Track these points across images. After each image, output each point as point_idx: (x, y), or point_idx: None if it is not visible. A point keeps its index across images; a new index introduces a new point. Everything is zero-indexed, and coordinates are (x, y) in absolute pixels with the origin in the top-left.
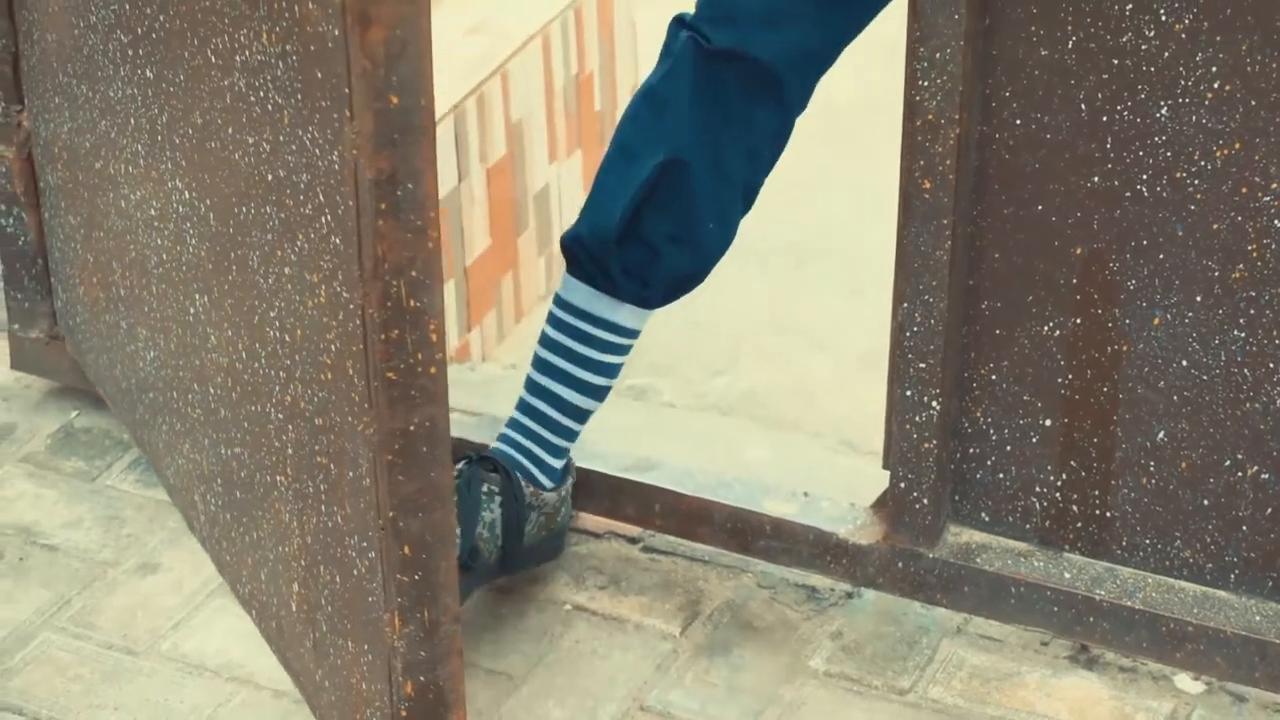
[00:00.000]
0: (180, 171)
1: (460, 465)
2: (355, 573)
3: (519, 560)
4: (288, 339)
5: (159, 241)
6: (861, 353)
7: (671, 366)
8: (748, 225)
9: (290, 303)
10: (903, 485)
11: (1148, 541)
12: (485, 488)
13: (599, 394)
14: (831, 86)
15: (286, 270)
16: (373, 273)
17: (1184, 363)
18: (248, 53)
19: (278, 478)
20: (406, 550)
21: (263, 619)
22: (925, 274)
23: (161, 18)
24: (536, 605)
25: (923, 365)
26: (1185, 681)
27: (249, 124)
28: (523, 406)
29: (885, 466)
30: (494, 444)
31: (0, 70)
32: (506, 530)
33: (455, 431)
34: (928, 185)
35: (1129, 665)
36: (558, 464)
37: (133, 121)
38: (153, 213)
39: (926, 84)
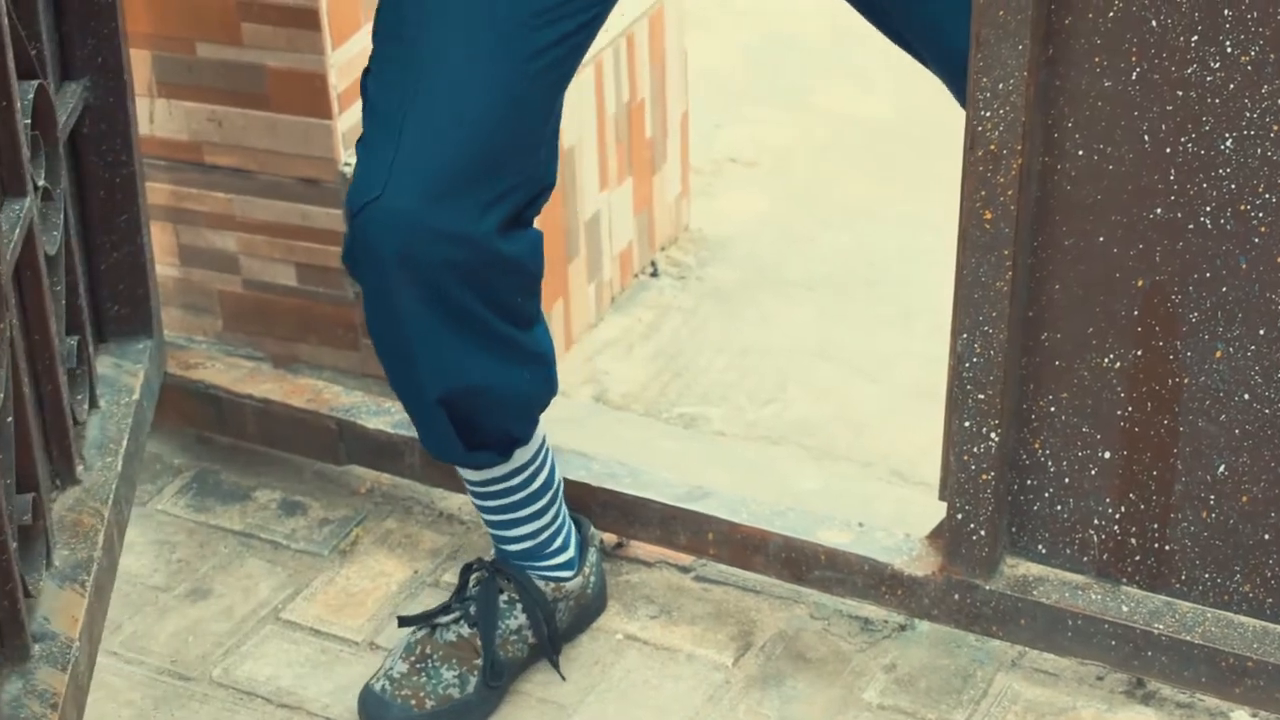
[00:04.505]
0: None
1: (475, 575)
2: None
3: (556, 647)
4: None
5: None
6: (910, 383)
7: (721, 395)
8: (795, 255)
9: None
10: (960, 516)
11: (1207, 575)
12: (505, 596)
13: (555, 498)
14: (876, 114)
15: None
16: None
17: (1245, 396)
18: None
19: None
20: None
21: None
22: (985, 305)
23: None
24: (588, 634)
25: (981, 396)
26: (1243, 718)
27: None
28: (499, 550)
29: (942, 497)
30: (497, 551)
31: None
32: (536, 631)
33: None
34: (989, 216)
35: (1186, 701)
36: (568, 555)
37: None
38: None
39: (989, 114)
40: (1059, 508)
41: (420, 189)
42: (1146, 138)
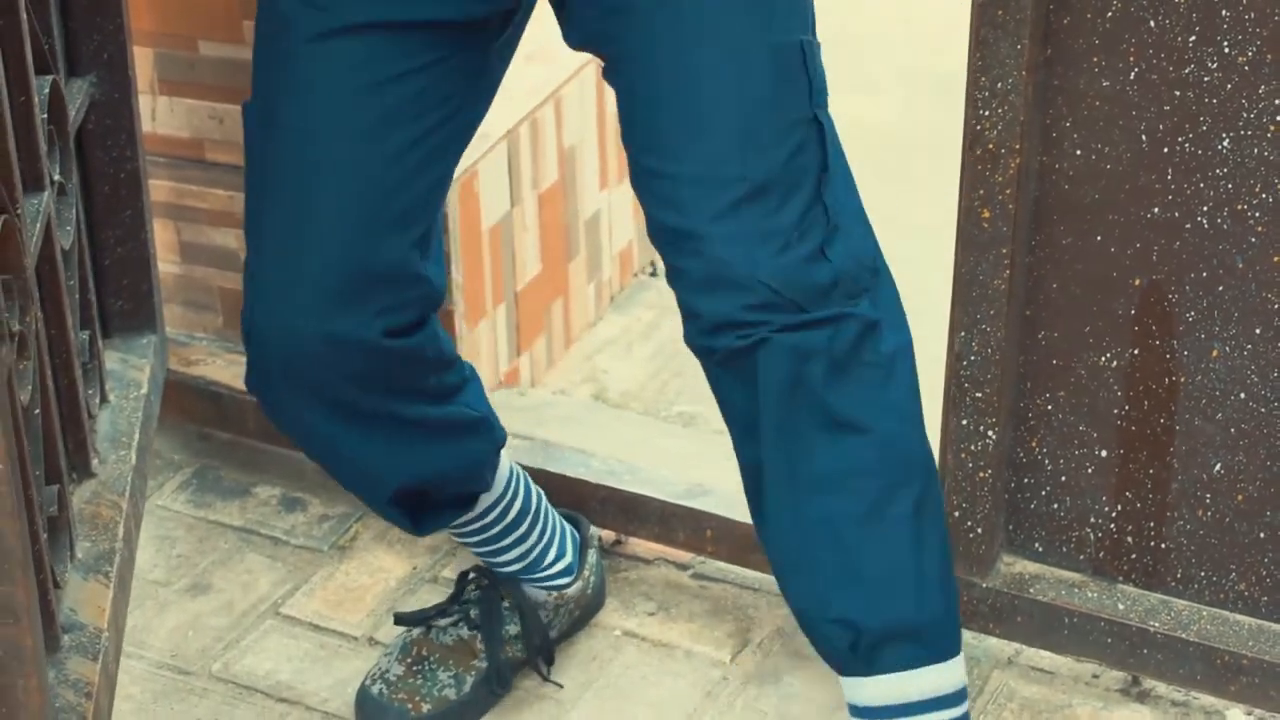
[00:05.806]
0: None
1: (472, 578)
2: None
3: (548, 659)
4: None
5: None
6: None
7: None
8: None
9: None
10: (957, 514)
11: (1203, 574)
12: (506, 603)
13: (537, 518)
14: (880, 119)
15: None
16: None
17: (1242, 395)
18: None
19: None
20: None
21: None
22: (983, 303)
23: None
24: (586, 630)
25: (979, 395)
26: (1238, 716)
27: None
28: (495, 565)
29: None
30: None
31: None
32: (528, 638)
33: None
34: (987, 215)
35: (1181, 699)
36: (565, 563)
37: None
38: None
39: (987, 113)
40: (1056, 506)
41: (286, 307)
42: (1144, 137)
